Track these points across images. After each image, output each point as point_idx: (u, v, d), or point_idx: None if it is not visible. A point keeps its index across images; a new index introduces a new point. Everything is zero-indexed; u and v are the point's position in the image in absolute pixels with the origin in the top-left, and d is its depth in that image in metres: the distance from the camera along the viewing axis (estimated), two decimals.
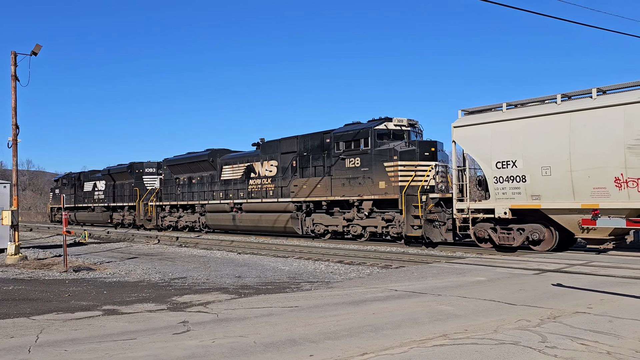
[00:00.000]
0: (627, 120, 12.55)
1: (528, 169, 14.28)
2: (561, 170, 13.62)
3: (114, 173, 37.37)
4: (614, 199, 12.82)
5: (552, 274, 10.02)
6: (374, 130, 18.91)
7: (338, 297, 8.09)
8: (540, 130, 14.10)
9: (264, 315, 6.80)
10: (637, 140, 12.38)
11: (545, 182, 13.97)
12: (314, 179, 21.16)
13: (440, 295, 7.92)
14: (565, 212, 13.84)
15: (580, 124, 13.33)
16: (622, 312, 6.38)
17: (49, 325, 6.43)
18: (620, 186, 12.70)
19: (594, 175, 13.08)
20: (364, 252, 16.46)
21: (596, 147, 13.01)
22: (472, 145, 15.63)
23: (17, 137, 15.48)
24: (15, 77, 15.31)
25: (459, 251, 16.08)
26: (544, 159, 13.95)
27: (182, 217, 30.49)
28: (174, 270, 12.95)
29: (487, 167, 15.20)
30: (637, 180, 12.40)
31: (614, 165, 12.73)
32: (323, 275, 11.56)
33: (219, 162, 27.62)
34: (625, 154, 12.55)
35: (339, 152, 20.12)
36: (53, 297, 8.85)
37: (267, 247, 19.27)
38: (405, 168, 18.03)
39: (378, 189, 18.67)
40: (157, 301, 8.20)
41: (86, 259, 15.46)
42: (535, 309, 6.74)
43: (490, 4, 11.32)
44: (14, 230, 15.41)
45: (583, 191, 13.31)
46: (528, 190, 14.34)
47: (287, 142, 23.08)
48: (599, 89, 13.55)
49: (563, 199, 13.71)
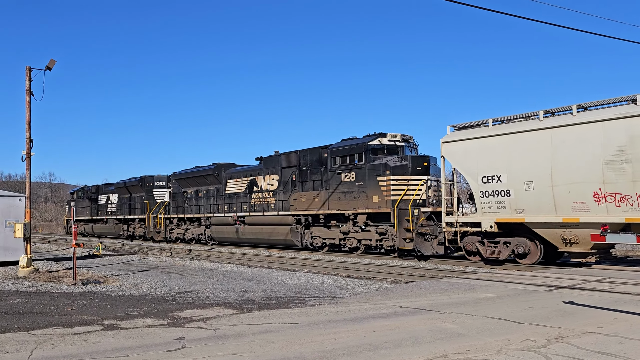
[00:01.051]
0: (604, 136, 12.91)
1: (512, 184, 14.62)
2: (543, 185, 13.96)
3: (126, 186, 38.29)
4: (593, 213, 13.15)
5: (564, 290, 9.70)
6: (368, 146, 19.38)
7: (341, 314, 7.92)
8: (523, 145, 14.43)
9: (263, 332, 6.67)
10: (614, 156, 12.73)
11: (529, 196, 14.29)
12: (312, 192, 21.66)
13: (446, 313, 7.70)
14: (548, 226, 14.13)
15: (561, 140, 13.70)
16: (635, 333, 6.10)
17: (45, 341, 6.39)
18: (599, 200, 13.05)
19: (574, 190, 13.42)
20: (375, 266, 16.24)
21: (576, 162, 13.36)
22: (460, 160, 15.98)
23: (31, 150, 15.70)
24: (29, 91, 15.57)
25: (471, 265, 15.76)
26: (527, 174, 14.29)
27: (189, 230, 31.07)
28: (180, 283, 12.90)
29: (473, 181, 15.57)
30: (615, 194, 12.77)
31: (592, 180, 13.09)
32: (330, 290, 11.38)
33: (224, 176, 28.19)
34: (603, 169, 12.90)
35: (335, 166, 20.60)
36: (56, 310, 8.84)
37: (277, 261, 19.16)
38: (397, 182, 18.40)
39: (372, 203, 19.01)
40: (158, 316, 8.13)
41: (97, 272, 15.53)
42: (543, 328, 6.49)
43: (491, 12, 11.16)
44: (27, 243, 15.56)
45: (564, 205, 13.63)
46: (512, 205, 14.66)
47: (287, 157, 23.61)
48: (580, 105, 13.81)
49: (545, 213, 14.02)
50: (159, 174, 36.72)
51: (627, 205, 12.63)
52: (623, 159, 12.63)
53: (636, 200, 12.45)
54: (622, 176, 12.66)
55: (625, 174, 12.61)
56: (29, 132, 15.61)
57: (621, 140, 12.68)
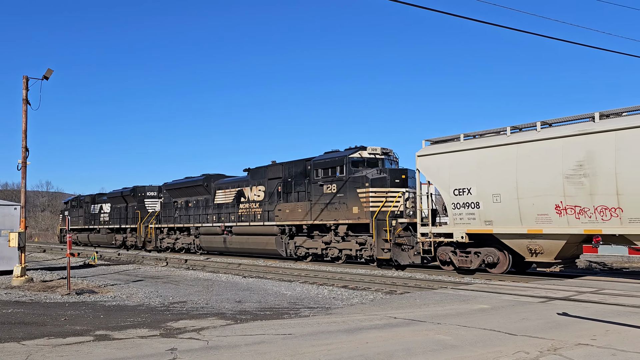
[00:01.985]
0: (565, 151, 13.58)
1: (481, 196, 15.24)
2: (510, 197, 14.59)
3: (118, 196, 38.73)
4: (555, 224, 13.82)
5: (558, 302, 9.70)
6: (349, 159, 20.14)
7: (334, 325, 7.90)
8: (491, 160, 15.10)
9: (255, 343, 6.64)
10: (573, 171, 13.41)
11: (496, 208, 14.93)
12: (296, 203, 22.30)
13: (440, 324, 7.68)
14: (515, 237, 14.83)
15: (526, 155, 14.35)
16: (627, 345, 6.09)
17: (36, 351, 6.35)
18: (560, 213, 13.72)
19: (537, 203, 14.04)
20: (370, 277, 16.22)
21: (539, 176, 14.01)
22: (434, 173, 16.64)
23: (27, 159, 15.68)
24: (26, 100, 15.59)
25: (467, 277, 15.75)
26: (495, 187, 14.93)
27: (179, 239, 31.61)
28: (175, 294, 12.85)
29: (446, 194, 16.19)
30: (575, 207, 13.45)
31: (554, 194, 13.73)
32: (325, 300, 11.35)
33: (213, 186, 28.79)
34: (563, 183, 13.56)
35: (317, 178, 21.29)
36: (49, 321, 8.79)
37: (273, 271, 19.11)
38: (376, 194, 19.06)
39: (352, 214, 19.71)
40: (151, 326, 8.09)
41: (91, 282, 15.45)
42: (536, 339, 6.48)
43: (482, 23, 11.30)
44: (21, 252, 15.49)
45: (529, 217, 14.26)
46: (482, 216, 15.28)
47: (273, 169, 24.24)
48: (544, 122, 14.48)
49: (512, 224, 14.67)
50: (151, 184, 37.23)
51: (585, 217, 13.31)
52: (582, 174, 13.28)
53: (594, 212, 13.12)
54: (581, 190, 13.29)
55: (584, 188, 13.24)
56: (25, 141, 15.61)
57: (580, 156, 13.32)
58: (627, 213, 12.63)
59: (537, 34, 11.78)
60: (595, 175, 13.06)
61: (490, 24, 10.76)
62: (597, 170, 13.03)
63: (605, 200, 12.93)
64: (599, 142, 13.06)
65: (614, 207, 12.82)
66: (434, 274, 16.91)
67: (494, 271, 15.61)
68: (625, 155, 12.60)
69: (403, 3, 9.60)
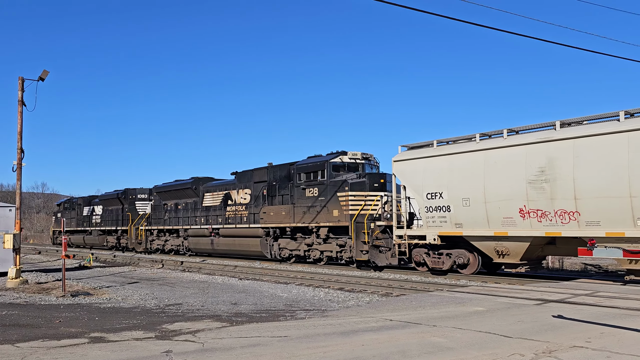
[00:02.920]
0: (528, 158, 14.22)
1: (452, 200, 15.90)
2: (478, 201, 15.24)
3: (109, 198, 39.45)
4: (519, 227, 14.47)
5: (554, 304, 9.72)
6: (330, 163, 20.77)
7: (330, 327, 7.89)
8: (461, 165, 15.75)
9: (251, 346, 6.63)
10: (535, 176, 14.05)
11: (466, 212, 15.58)
12: (280, 206, 22.88)
13: (435, 326, 7.68)
14: (483, 239, 15.51)
15: (493, 161, 15.01)
16: (622, 347, 6.11)
17: (31, 354, 6.32)
18: (524, 216, 14.35)
19: (503, 207, 14.72)
20: (367, 279, 16.22)
21: (505, 181, 14.66)
22: (409, 177, 17.30)
23: (22, 161, 15.63)
24: (22, 102, 15.54)
25: (463, 279, 15.77)
26: (464, 191, 15.57)
27: (168, 241, 32.19)
28: (171, 296, 12.81)
29: (420, 197, 16.88)
30: (537, 211, 14.09)
31: (518, 198, 14.39)
32: (321, 303, 11.34)
33: (201, 189, 29.35)
34: (527, 188, 14.20)
35: (300, 182, 21.92)
36: (43, 323, 8.75)
37: (269, 273, 19.09)
38: (355, 198, 19.66)
39: (332, 217, 20.28)
40: (147, 329, 8.06)
41: (86, 284, 15.39)
42: (532, 342, 6.49)
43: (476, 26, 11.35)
44: (16, 254, 15.42)
45: (495, 220, 14.94)
46: (452, 219, 15.95)
47: (259, 172, 24.82)
48: (511, 129, 15.19)
49: (480, 227, 15.33)
50: (142, 187, 37.54)
51: (547, 220, 13.96)
52: (543, 179, 13.93)
53: (554, 216, 13.78)
54: (542, 194, 13.94)
55: (545, 193, 13.89)
56: (20, 142, 15.55)
57: (541, 162, 13.95)
58: (584, 216, 13.27)
59: (525, 36, 11.83)
60: (555, 181, 13.68)
61: (487, 27, 10.79)
62: (557, 175, 13.66)
63: (564, 205, 13.57)
64: (558, 149, 13.72)
65: (572, 210, 13.46)
66: (410, 274, 17.58)
67: (465, 272, 16.31)
68: (582, 161, 13.26)
69: (398, 5, 9.63)
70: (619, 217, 12.71)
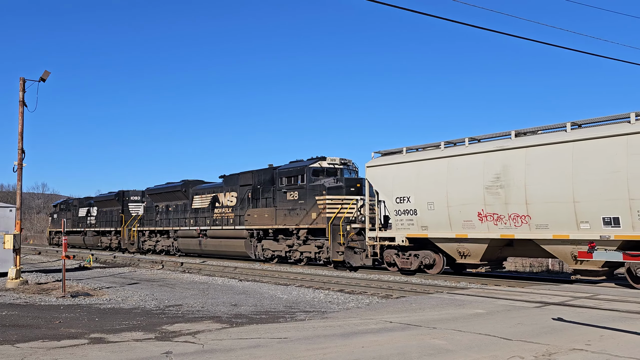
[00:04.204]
0: (486, 165, 15.12)
1: (418, 204, 16.80)
2: (441, 205, 16.12)
3: (104, 200, 40.53)
4: (478, 230, 15.38)
5: (554, 307, 9.72)
6: (309, 168, 21.66)
7: (330, 329, 7.90)
8: (427, 171, 16.66)
9: (251, 347, 6.64)
10: (492, 182, 14.93)
11: (431, 215, 16.48)
12: (263, 209, 23.80)
13: (435, 329, 7.69)
14: (446, 241, 16.41)
15: (455, 167, 15.89)
16: (621, 350, 6.11)
17: (31, 354, 6.32)
18: (482, 219, 15.24)
19: (463, 210, 15.58)
20: (366, 281, 16.22)
21: (465, 187, 15.53)
22: (380, 182, 18.15)
23: (23, 161, 15.64)
24: (23, 102, 15.55)
25: (463, 281, 15.78)
26: (429, 196, 16.48)
27: (159, 242, 33.09)
28: (171, 297, 12.81)
29: (389, 202, 17.72)
30: (493, 214, 15.00)
31: (477, 202, 15.25)
32: (320, 304, 11.34)
33: (191, 192, 30.33)
34: (484, 193, 15.08)
35: (282, 186, 22.84)
36: (43, 323, 8.76)
37: (269, 275, 19.09)
38: (332, 202, 20.59)
39: (311, 219, 21.14)
40: (147, 330, 8.07)
41: (86, 284, 15.39)
42: (531, 344, 6.50)
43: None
44: (16, 254, 15.42)
45: (457, 223, 15.81)
46: (419, 222, 16.87)
47: (244, 176, 25.65)
48: (472, 138, 16.06)
49: (443, 229, 16.23)
50: (135, 189, 38.74)
51: (502, 223, 14.86)
52: (498, 185, 14.81)
53: (508, 219, 14.69)
54: (498, 199, 14.83)
55: (500, 198, 14.77)
56: (21, 142, 15.57)
57: (497, 169, 14.85)
58: (535, 220, 14.16)
59: (525, 38, 11.85)
60: (509, 187, 14.56)
61: (489, 30, 10.82)
62: (511, 182, 14.54)
63: (517, 209, 14.47)
64: (512, 157, 14.60)
65: (524, 214, 14.35)
66: (382, 274, 18.38)
67: (431, 272, 17.21)
68: (533, 169, 14.14)
69: (399, 8, 9.64)
70: (565, 220, 13.57)
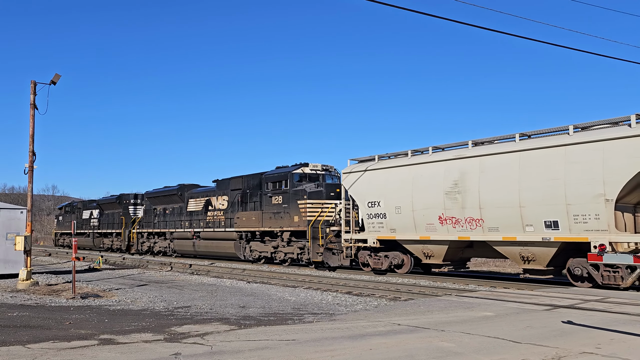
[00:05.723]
0: (446, 172, 16.28)
1: (387, 208, 18.01)
2: (407, 209, 17.38)
3: (105, 203, 42.04)
4: (439, 232, 16.56)
5: (564, 310, 9.66)
6: (292, 174, 22.98)
7: (338, 331, 7.89)
8: (395, 178, 17.83)
9: (259, 349, 6.65)
10: (451, 188, 16.08)
11: (398, 218, 17.73)
12: (252, 212, 25.14)
13: (444, 331, 7.66)
14: (412, 243, 17.72)
15: (419, 174, 17.15)
16: (632, 354, 6.06)
17: (41, 355, 6.38)
18: (442, 222, 16.43)
19: (426, 214, 16.82)
20: (374, 283, 16.21)
21: (428, 192, 16.75)
22: (354, 188, 19.36)
23: (34, 163, 15.79)
24: (34, 105, 15.71)
25: (472, 284, 15.72)
26: (397, 200, 17.68)
27: (157, 243, 34.57)
28: (179, 298, 12.87)
29: (362, 206, 19.04)
30: (452, 218, 16.14)
31: (438, 207, 16.46)
32: (329, 306, 11.35)
33: (186, 195, 31.80)
34: (444, 198, 16.26)
35: (268, 190, 24.22)
36: (54, 324, 8.84)
37: (277, 276, 19.13)
38: (313, 205, 21.88)
39: (294, 222, 22.38)
40: (156, 331, 8.11)
41: (96, 286, 15.51)
42: (541, 348, 6.46)
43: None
44: (27, 256, 15.57)
45: (421, 226, 17.08)
46: (388, 225, 18.11)
47: (235, 181, 27.14)
48: (436, 147, 17.26)
49: (409, 232, 17.52)
50: (135, 192, 39.95)
51: (459, 226, 16.00)
52: (456, 191, 15.96)
53: (465, 222, 15.82)
54: (456, 204, 15.99)
55: (458, 202, 15.93)
56: (32, 145, 15.72)
57: (456, 176, 16.00)
58: (487, 223, 15.33)
59: (527, 38, 11.79)
60: (466, 192, 15.72)
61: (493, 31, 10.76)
62: (467, 188, 15.69)
63: (472, 213, 15.62)
64: (468, 165, 15.78)
65: (478, 218, 15.50)
66: (360, 274, 19.39)
67: (400, 272, 18.41)
68: (486, 176, 15.30)
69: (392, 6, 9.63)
70: (513, 224, 14.73)
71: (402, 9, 9.51)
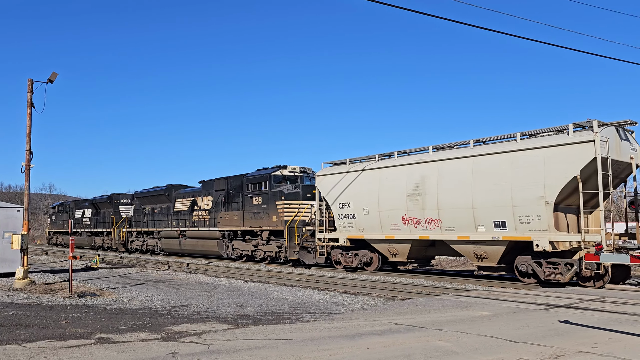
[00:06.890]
0: (409, 175, 17.27)
1: (356, 209, 19.00)
2: (374, 210, 18.29)
3: (97, 202, 42.73)
4: (402, 232, 17.53)
5: (560, 309, 9.67)
6: (271, 176, 24.02)
7: (335, 330, 7.89)
8: (364, 180, 18.76)
9: (256, 348, 6.65)
10: (413, 191, 17.04)
11: (366, 219, 18.67)
12: (233, 212, 26.03)
13: (441, 330, 7.67)
14: (379, 242, 18.63)
15: (385, 177, 18.06)
16: (629, 353, 6.08)
17: (38, 354, 6.37)
18: (405, 223, 17.39)
19: (391, 215, 17.72)
20: (372, 283, 16.21)
21: (392, 194, 17.66)
22: (327, 190, 20.25)
23: (31, 162, 15.73)
24: (31, 104, 15.66)
25: (469, 283, 15.74)
26: (365, 202, 18.62)
27: (145, 242, 35.35)
28: (177, 297, 12.85)
29: (334, 207, 19.96)
30: (413, 218, 17.11)
31: (401, 208, 17.40)
32: (326, 306, 11.34)
33: (173, 196, 32.67)
34: (406, 200, 17.22)
35: (249, 191, 25.15)
36: (50, 323, 8.81)
37: (275, 276, 19.12)
38: (290, 206, 22.76)
39: (272, 222, 23.32)
40: (153, 330, 8.10)
41: (93, 285, 15.47)
42: (538, 347, 6.47)
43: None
44: (24, 255, 15.52)
45: (386, 226, 18.00)
46: (357, 225, 19.09)
47: (219, 182, 27.96)
48: (401, 151, 18.12)
49: (376, 231, 18.43)
50: (125, 192, 41.07)
51: (420, 226, 16.97)
52: (417, 193, 16.91)
53: (425, 223, 16.78)
54: (417, 205, 16.93)
55: (419, 204, 16.88)
56: (29, 144, 15.67)
57: (417, 179, 16.96)
58: (444, 223, 16.23)
59: (526, 39, 11.79)
60: (426, 195, 16.63)
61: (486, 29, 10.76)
62: (427, 190, 16.60)
63: (431, 214, 16.54)
64: (428, 169, 16.72)
65: (437, 219, 16.41)
66: (333, 271, 20.19)
67: (369, 269, 19.33)
68: (443, 179, 16.21)
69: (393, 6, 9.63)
70: (466, 224, 15.62)
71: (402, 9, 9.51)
